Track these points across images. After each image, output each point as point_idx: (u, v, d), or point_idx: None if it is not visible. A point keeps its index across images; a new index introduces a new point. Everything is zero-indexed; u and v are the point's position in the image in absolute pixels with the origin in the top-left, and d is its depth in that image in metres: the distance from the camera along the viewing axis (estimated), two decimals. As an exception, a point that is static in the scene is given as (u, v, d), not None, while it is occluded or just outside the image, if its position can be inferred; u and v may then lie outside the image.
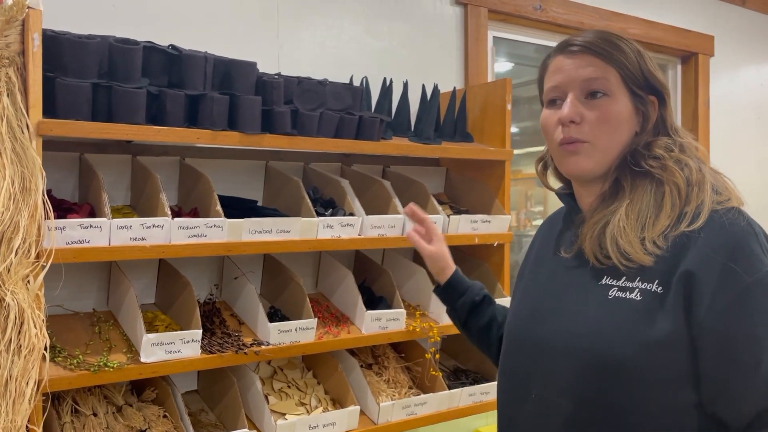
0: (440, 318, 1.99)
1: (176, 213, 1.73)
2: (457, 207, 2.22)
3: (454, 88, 2.24)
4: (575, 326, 1.02)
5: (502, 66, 2.98)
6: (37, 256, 1.36)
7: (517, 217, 3.80)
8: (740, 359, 0.93)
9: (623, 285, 0.99)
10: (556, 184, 1.21)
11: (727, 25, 3.49)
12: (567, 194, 1.16)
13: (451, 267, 1.41)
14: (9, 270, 1.30)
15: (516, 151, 2.22)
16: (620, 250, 0.98)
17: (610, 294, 1.00)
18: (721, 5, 3.46)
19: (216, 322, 1.76)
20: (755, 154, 3.65)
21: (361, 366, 1.94)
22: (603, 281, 1.01)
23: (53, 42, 1.44)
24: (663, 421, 0.96)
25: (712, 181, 1.03)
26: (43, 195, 1.37)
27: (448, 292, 1.40)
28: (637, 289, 0.98)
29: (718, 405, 0.95)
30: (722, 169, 1.12)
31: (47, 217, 1.37)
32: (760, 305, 0.93)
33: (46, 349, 1.35)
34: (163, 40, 1.65)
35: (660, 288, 0.96)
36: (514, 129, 2.19)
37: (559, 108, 1.07)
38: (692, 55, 3.36)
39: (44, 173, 1.37)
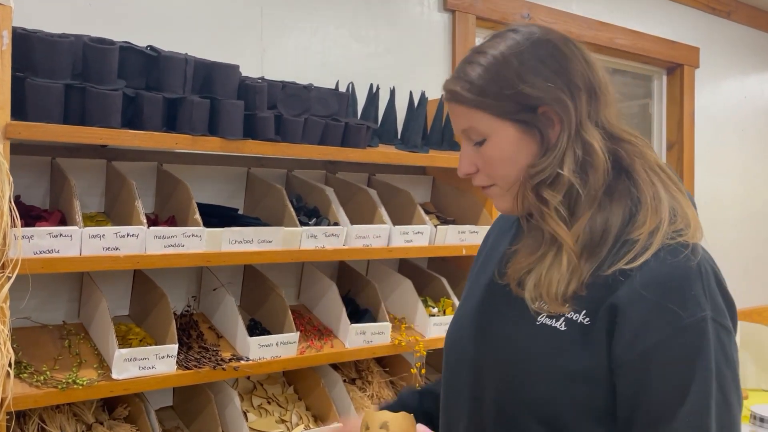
0: (426, 331, 1.93)
1: (153, 221, 1.66)
2: (443, 217, 2.17)
3: (442, 95, 2.19)
4: (502, 352, 0.97)
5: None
6: (2, 267, 1.28)
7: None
8: (652, 409, 0.85)
9: (552, 312, 0.92)
10: None
11: (712, 37, 3.49)
12: None
13: None
14: (-29, 281, 1.22)
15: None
16: (539, 300, 0.93)
17: (538, 320, 0.93)
18: (707, 17, 3.47)
19: (193, 335, 1.69)
20: (739, 165, 3.66)
21: (344, 381, 1.88)
22: (535, 305, 0.94)
23: (24, 40, 1.37)
24: None
25: (673, 205, 0.92)
26: (10, 202, 1.29)
27: None
28: (563, 318, 0.91)
29: None
30: (707, 180, 1.02)
31: (14, 225, 1.29)
32: (686, 354, 0.84)
33: (10, 365, 1.27)
34: (141, 41, 1.58)
35: (587, 319, 0.89)
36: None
37: None
38: (678, 66, 3.35)
39: (11, 179, 1.30)
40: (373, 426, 0.95)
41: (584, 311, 0.89)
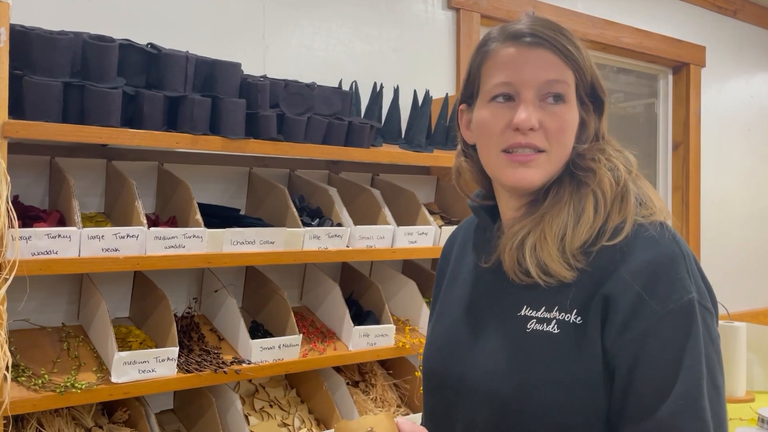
0: (430, 334, 1.90)
1: (153, 221, 1.64)
2: (448, 217, 2.15)
3: (447, 94, 2.17)
4: (491, 365, 0.91)
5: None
6: (0, 268, 1.25)
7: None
8: (646, 393, 0.82)
9: (542, 316, 0.88)
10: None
11: (718, 36, 3.46)
12: (483, 207, 1.02)
13: None
14: (-33, 283, 1.20)
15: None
16: (539, 264, 0.87)
17: (528, 327, 0.89)
18: (714, 16, 3.44)
19: (194, 338, 1.66)
20: (745, 165, 3.62)
21: (347, 383, 1.85)
22: (522, 312, 0.90)
23: (22, 37, 1.34)
24: None
25: (636, 191, 0.91)
26: (8, 202, 1.26)
27: None
28: (555, 321, 0.87)
29: None
30: (713, 180, 1.01)
31: (11, 226, 1.27)
32: (676, 337, 0.81)
33: (7, 368, 1.24)
34: (141, 39, 1.55)
35: (579, 318, 0.86)
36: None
37: (509, 108, 0.91)
38: (684, 65, 3.32)
39: (9, 179, 1.27)
40: None
41: (575, 310, 0.86)
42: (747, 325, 2.95)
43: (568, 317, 0.86)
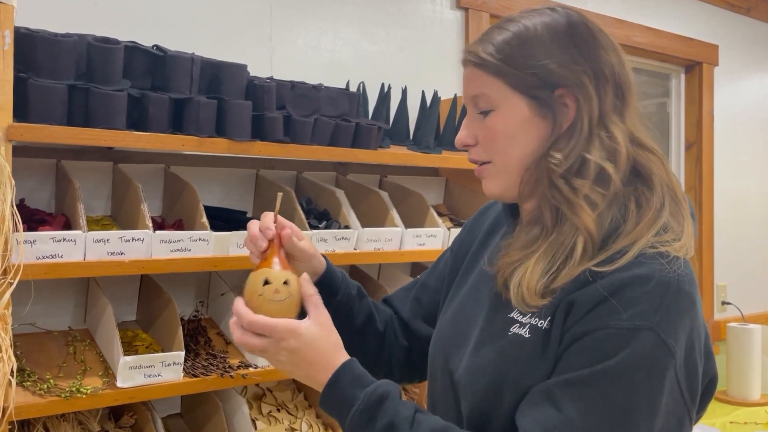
0: (439, 337, 1.88)
1: (159, 225, 1.63)
2: (457, 219, 2.13)
3: (455, 95, 2.15)
4: (474, 362, 0.92)
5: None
6: (4, 272, 1.24)
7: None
8: (550, 382, 0.82)
9: (524, 321, 0.88)
10: None
11: (731, 34, 3.42)
12: (509, 206, 1.02)
13: (323, 261, 1.11)
14: (-29, 287, 1.19)
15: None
16: (522, 298, 0.87)
17: (510, 330, 0.89)
18: (726, 14, 3.39)
19: (201, 341, 1.65)
20: (759, 165, 3.57)
21: (356, 388, 1.83)
22: (511, 314, 0.90)
23: (26, 40, 1.34)
24: None
25: (668, 221, 0.86)
26: (12, 206, 1.26)
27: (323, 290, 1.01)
28: (528, 325, 0.87)
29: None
30: (726, 180, 0.94)
31: (16, 230, 1.26)
32: (602, 352, 0.79)
33: (12, 373, 1.23)
34: (146, 40, 1.54)
35: (548, 324, 0.86)
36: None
37: None
38: (696, 64, 3.28)
39: (13, 182, 1.26)
40: (276, 281, 0.94)
41: (549, 317, 0.86)
42: (762, 327, 2.91)
43: (541, 323, 0.86)
